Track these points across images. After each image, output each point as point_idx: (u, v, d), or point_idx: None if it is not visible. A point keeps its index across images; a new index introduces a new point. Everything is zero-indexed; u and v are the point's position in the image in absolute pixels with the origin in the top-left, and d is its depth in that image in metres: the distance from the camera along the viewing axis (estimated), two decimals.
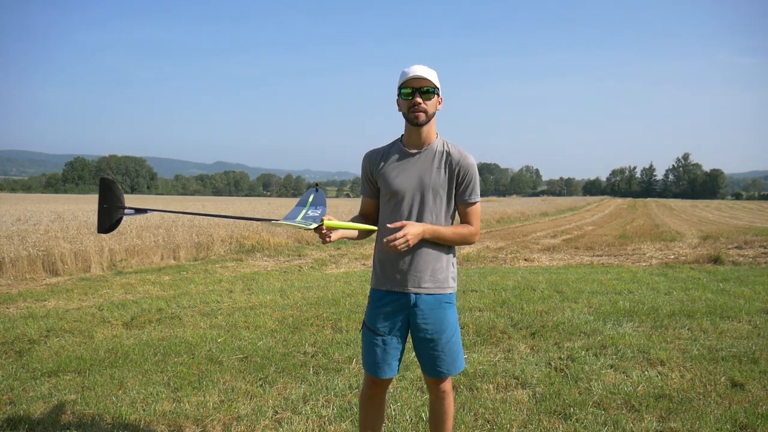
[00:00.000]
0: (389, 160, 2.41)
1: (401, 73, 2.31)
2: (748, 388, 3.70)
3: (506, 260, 11.61)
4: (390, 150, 2.44)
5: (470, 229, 2.40)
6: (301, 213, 2.36)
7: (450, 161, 2.36)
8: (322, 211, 2.38)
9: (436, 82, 2.29)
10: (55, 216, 15.46)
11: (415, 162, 2.37)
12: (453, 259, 2.48)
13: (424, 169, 2.36)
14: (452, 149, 2.38)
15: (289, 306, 6.42)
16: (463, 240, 2.40)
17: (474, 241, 2.46)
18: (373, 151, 2.48)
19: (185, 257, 11.49)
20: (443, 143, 2.40)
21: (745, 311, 5.88)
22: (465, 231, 2.39)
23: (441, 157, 2.37)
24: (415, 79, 2.25)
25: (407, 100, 2.29)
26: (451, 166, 2.36)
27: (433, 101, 2.31)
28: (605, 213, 39.80)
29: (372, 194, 2.50)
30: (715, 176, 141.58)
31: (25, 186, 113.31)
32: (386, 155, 2.43)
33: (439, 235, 2.33)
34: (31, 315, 6.04)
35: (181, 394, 3.69)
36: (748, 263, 10.32)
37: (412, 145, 2.39)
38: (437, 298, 2.41)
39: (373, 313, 2.45)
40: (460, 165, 2.35)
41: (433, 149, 2.37)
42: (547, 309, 6.05)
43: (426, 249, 2.37)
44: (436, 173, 2.35)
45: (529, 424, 3.23)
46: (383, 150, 2.46)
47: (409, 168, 2.37)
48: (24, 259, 9.07)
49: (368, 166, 2.47)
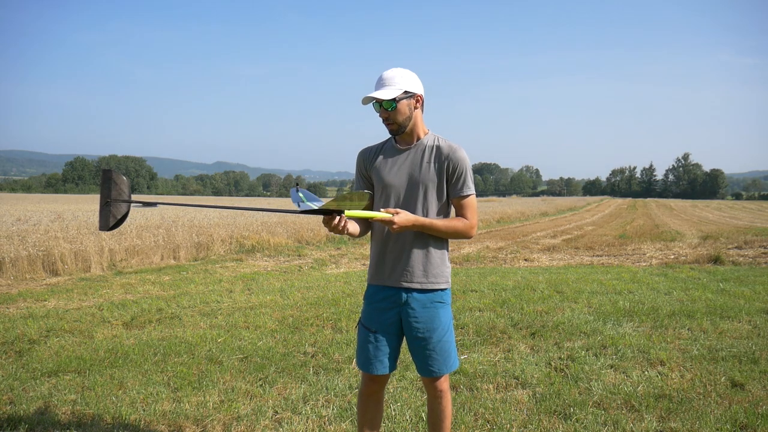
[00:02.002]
0: (382, 156, 2.47)
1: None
2: (748, 388, 3.69)
3: (506, 260, 11.61)
4: (383, 147, 2.50)
5: (465, 222, 2.39)
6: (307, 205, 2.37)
7: (440, 155, 2.38)
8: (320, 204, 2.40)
9: (394, 92, 2.29)
10: (55, 216, 15.46)
11: (406, 158, 2.41)
12: (446, 256, 2.47)
13: (414, 164, 2.39)
14: (442, 143, 2.41)
15: (289, 306, 6.42)
16: (457, 233, 2.38)
17: (471, 235, 2.44)
18: (366, 149, 2.54)
19: (185, 257, 11.50)
20: (434, 138, 2.43)
21: (745, 311, 5.88)
22: (459, 224, 2.38)
23: (431, 151, 2.40)
24: (371, 97, 2.29)
25: (378, 112, 2.36)
26: (440, 159, 2.38)
27: (401, 109, 2.33)
28: (605, 213, 39.81)
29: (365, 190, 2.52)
30: (715, 176, 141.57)
31: (25, 186, 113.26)
32: (379, 152, 2.49)
33: (431, 227, 2.33)
34: (31, 315, 6.04)
35: (181, 394, 3.69)
36: (748, 263, 10.32)
37: (403, 142, 2.45)
38: (428, 296, 2.40)
39: (368, 309, 2.48)
40: (450, 158, 2.37)
41: (423, 144, 2.41)
42: (547, 309, 6.05)
43: (419, 245, 2.38)
44: (426, 168, 2.38)
45: (529, 424, 3.23)
46: (377, 147, 2.52)
47: (400, 164, 2.41)
48: (24, 259, 9.07)
49: (362, 162, 2.52)
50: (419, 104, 2.39)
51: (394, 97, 2.29)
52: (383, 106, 2.31)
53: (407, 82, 2.33)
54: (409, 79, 2.34)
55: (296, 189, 2.46)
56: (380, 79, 2.33)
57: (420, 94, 2.38)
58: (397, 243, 2.39)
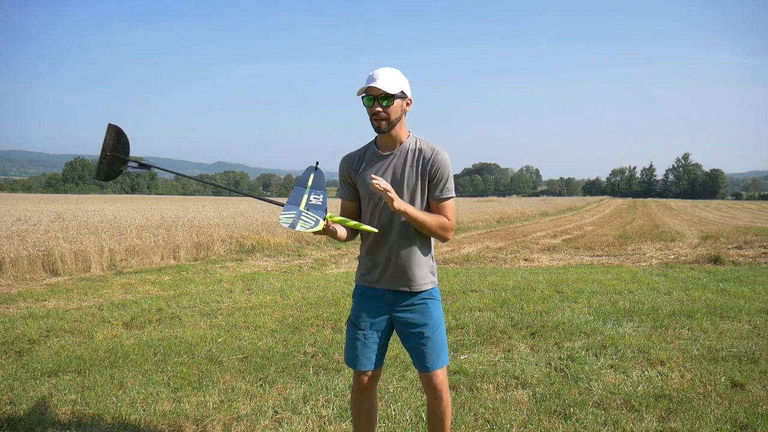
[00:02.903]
0: (365, 162, 2.46)
1: (367, 78, 2.32)
2: (748, 388, 3.70)
3: (506, 260, 11.61)
4: (365, 153, 2.49)
5: (447, 221, 2.39)
6: (303, 198, 2.36)
7: (422, 158, 2.38)
8: (323, 197, 2.40)
9: (396, 88, 2.29)
10: (55, 216, 15.47)
11: (389, 163, 2.41)
12: (431, 254, 2.50)
13: (397, 169, 2.40)
14: (425, 146, 2.40)
15: (289, 306, 6.42)
16: (439, 226, 2.36)
17: (449, 237, 2.43)
18: (349, 155, 2.52)
19: (185, 257, 11.50)
20: (416, 141, 2.43)
21: (745, 311, 5.88)
22: (442, 220, 2.38)
23: (414, 155, 2.40)
24: (373, 87, 2.28)
25: (369, 107, 2.33)
26: (423, 162, 2.38)
27: (395, 107, 2.32)
28: (605, 213, 39.80)
29: (351, 197, 2.53)
30: (715, 176, 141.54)
31: (25, 186, 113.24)
32: (362, 158, 2.48)
33: (417, 216, 2.31)
34: (31, 315, 6.04)
35: (181, 394, 3.69)
36: (748, 263, 10.32)
37: (385, 146, 2.44)
38: (418, 294, 2.43)
39: (357, 308, 2.51)
40: (432, 161, 2.37)
41: (405, 148, 2.41)
42: (547, 309, 6.05)
43: (406, 246, 2.40)
44: (410, 172, 2.38)
45: (529, 424, 3.23)
46: (359, 153, 2.50)
47: (383, 169, 2.41)
48: (24, 259, 9.07)
49: (346, 170, 2.51)
50: (408, 107, 2.40)
51: (394, 93, 2.29)
52: (379, 100, 2.29)
53: (404, 83, 2.34)
54: (405, 81, 2.35)
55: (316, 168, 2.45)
56: (375, 74, 2.30)
57: (410, 98, 2.40)
58: (386, 247, 2.40)
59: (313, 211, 2.31)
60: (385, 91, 2.27)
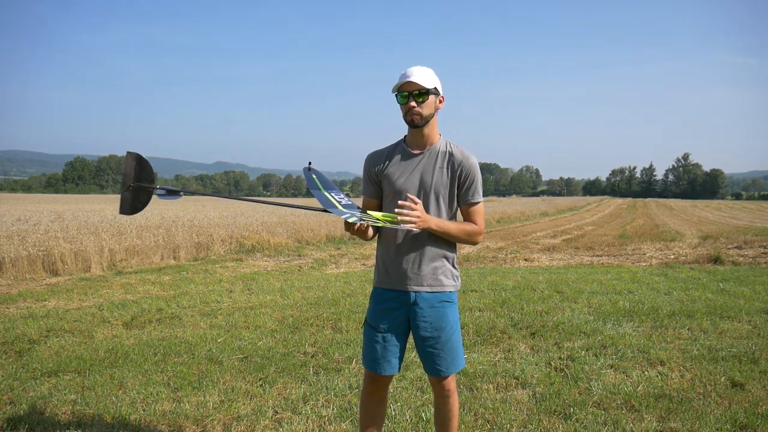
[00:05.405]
0: (392, 160, 2.44)
1: (400, 76, 2.34)
2: (748, 388, 3.70)
3: (506, 260, 11.61)
4: (393, 150, 2.48)
5: (474, 228, 2.41)
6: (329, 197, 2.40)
7: (452, 162, 2.39)
8: (347, 197, 2.45)
9: (431, 84, 2.31)
10: (55, 216, 15.47)
11: (418, 162, 2.40)
12: (454, 258, 2.49)
13: (427, 169, 2.39)
14: (455, 150, 2.41)
15: (289, 306, 6.42)
16: (467, 237, 2.40)
17: (478, 241, 2.47)
18: (375, 152, 2.51)
19: (185, 257, 11.50)
20: (446, 144, 2.43)
21: (745, 311, 5.88)
22: (469, 228, 2.41)
23: (444, 157, 2.39)
24: (409, 83, 2.29)
25: (403, 104, 2.33)
26: (453, 166, 2.38)
27: (429, 102, 2.33)
28: (605, 213, 39.80)
29: (374, 194, 2.51)
30: (715, 176, 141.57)
31: (25, 186, 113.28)
32: (390, 156, 2.46)
33: (445, 229, 2.34)
34: (31, 315, 6.04)
35: (181, 394, 3.69)
36: (748, 263, 10.32)
37: (415, 145, 2.43)
38: (437, 296, 2.42)
39: (375, 310, 2.48)
40: (462, 165, 2.38)
41: (435, 150, 2.41)
42: (547, 309, 6.05)
43: (427, 248, 2.39)
44: (438, 173, 2.38)
45: (529, 424, 3.23)
46: (386, 151, 2.49)
47: (411, 168, 2.40)
48: (24, 259, 9.07)
49: (371, 166, 2.50)
50: (441, 105, 2.41)
51: (429, 88, 2.30)
52: (413, 95, 2.30)
53: (436, 80, 2.36)
54: (437, 79, 2.37)
55: (308, 169, 2.46)
56: (410, 71, 2.31)
57: (443, 96, 2.41)
58: (407, 248, 2.39)
59: (347, 208, 2.35)
60: (420, 85, 2.28)
